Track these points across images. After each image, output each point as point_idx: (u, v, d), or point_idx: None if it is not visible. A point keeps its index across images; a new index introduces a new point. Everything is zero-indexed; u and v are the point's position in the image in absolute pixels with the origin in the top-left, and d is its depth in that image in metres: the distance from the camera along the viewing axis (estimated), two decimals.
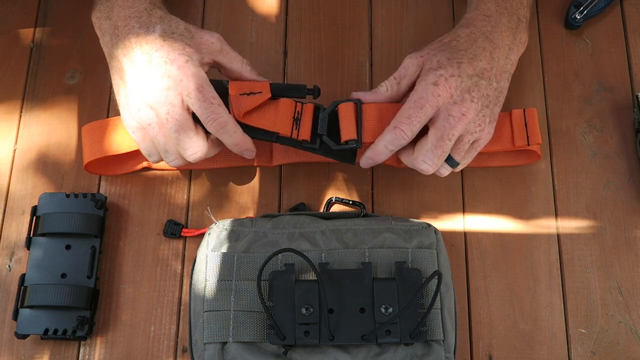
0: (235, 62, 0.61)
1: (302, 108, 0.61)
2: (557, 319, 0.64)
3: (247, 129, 0.59)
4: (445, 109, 0.57)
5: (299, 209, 0.67)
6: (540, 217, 0.68)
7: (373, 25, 0.76)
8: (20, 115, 0.72)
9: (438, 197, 0.69)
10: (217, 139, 0.59)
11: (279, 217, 0.63)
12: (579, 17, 0.73)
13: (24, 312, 0.61)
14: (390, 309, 0.57)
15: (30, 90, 0.73)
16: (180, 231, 0.66)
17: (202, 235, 0.64)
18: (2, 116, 0.72)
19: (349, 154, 0.62)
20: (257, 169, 0.70)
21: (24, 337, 0.61)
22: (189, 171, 0.69)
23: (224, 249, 0.61)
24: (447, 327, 0.59)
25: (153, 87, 0.56)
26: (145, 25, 0.58)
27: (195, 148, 0.58)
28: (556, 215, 0.68)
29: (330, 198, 0.68)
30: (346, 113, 0.60)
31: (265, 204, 0.68)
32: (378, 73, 0.74)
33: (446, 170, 0.62)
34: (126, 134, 0.62)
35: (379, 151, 0.59)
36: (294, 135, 0.60)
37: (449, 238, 0.66)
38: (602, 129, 0.71)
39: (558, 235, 0.67)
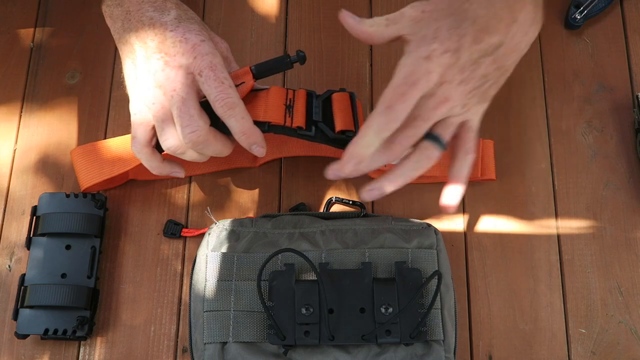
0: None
1: (294, 95, 0.58)
2: (557, 319, 0.64)
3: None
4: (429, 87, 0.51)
5: (299, 209, 0.67)
6: (540, 217, 0.68)
7: None
8: (20, 116, 0.72)
9: (438, 197, 0.68)
10: (221, 133, 0.56)
11: (279, 217, 0.63)
12: (579, 17, 0.73)
13: (24, 312, 0.61)
14: (390, 309, 0.57)
15: (30, 90, 0.73)
16: (180, 231, 0.66)
17: (202, 235, 0.64)
18: (2, 116, 0.72)
19: (345, 143, 0.56)
20: (258, 169, 0.69)
21: (24, 337, 0.61)
22: None
23: (224, 249, 0.61)
24: (447, 327, 0.59)
25: (165, 65, 0.54)
26: (160, 9, 0.57)
27: (194, 127, 0.53)
28: (556, 215, 0.68)
29: (330, 198, 0.68)
30: (341, 103, 0.58)
31: (265, 204, 0.68)
32: (378, 73, 0.74)
33: (436, 152, 0.54)
34: (120, 155, 0.63)
35: (366, 143, 0.51)
36: (288, 123, 0.57)
37: (449, 238, 0.66)
38: (602, 129, 0.71)
39: (558, 235, 0.67)
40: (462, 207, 0.68)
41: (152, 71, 0.55)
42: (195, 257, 0.62)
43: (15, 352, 0.63)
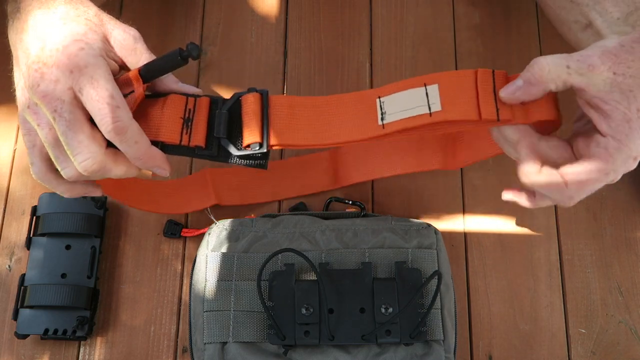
0: None
1: (194, 104, 0.49)
2: (557, 319, 0.64)
3: None
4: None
5: (299, 209, 0.67)
6: (540, 217, 0.68)
7: (373, 25, 0.76)
8: None
9: (438, 197, 0.69)
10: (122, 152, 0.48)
11: (279, 217, 0.63)
12: None
13: (24, 312, 0.61)
14: (390, 309, 0.57)
15: None
16: (180, 231, 0.66)
17: (202, 235, 0.64)
18: (2, 116, 0.72)
19: (258, 158, 0.50)
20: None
21: (24, 337, 0.61)
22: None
23: (224, 249, 0.61)
24: (447, 327, 0.59)
25: (42, 79, 0.46)
26: (46, 5, 0.48)
27: (86, 154, 0.46)
28: (556, 215, 0.68)
29: (330, 198, 0.68)
30: (249, 110, 0.49)
31: (265, 204, 0.68)
32: (378, 73, 0.74)
33: None
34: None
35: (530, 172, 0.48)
36: (184, 142, 0.48)
37: (449, 238, 0.66)
38: None
39: (558, 235, 0.67)
40: (462, 207, 0.68)
41: (32, 85, 0.46)
42: (195, 257, 0.62)
43: (15, 352, 0.63)
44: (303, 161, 0.68)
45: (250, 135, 0.49)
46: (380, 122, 0.49)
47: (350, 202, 0.67)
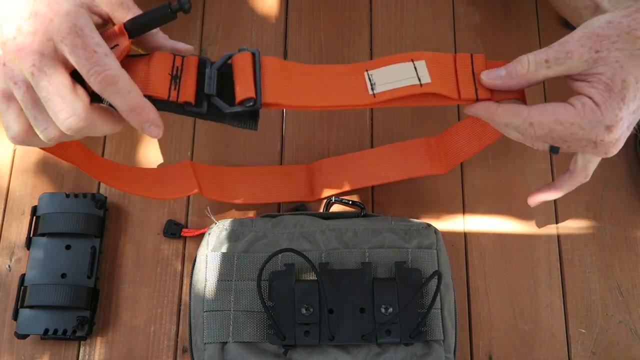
0: None
1: (182, 63, 0.48)
2: (557, 319, 0.64)
3: None
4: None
5: (299, 209, 0.67)
6: (540, 217, 0.68)
7: (373, 25, 0.76)
8: None
9: (438, 197, 0.69)
10: (107, 107, 0.45)
11: (279, 217, 0.63)
12: None
13: (24, 312, 0.61)
14: (390, 309, 0.57)
15: None
16: (180, 231, 0.66)
17: (202, 235, 0.64)
18: None
19: (248, 118, 0.49)
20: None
21: (24, 337, 0.61)
22: None
23: (224, 249, 0.61)
24: (447, 327, 0.59)
25: (18, 32, 0.43)
26: None
27: (70, 111, 0.42)
28: (556, 215, 0.68)
29: (330, 198, 0.68)
30: (241, 65, 0.49)
31: (266, 204, 0.68)
32: None
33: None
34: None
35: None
36: (172, 97, 0.47)
37: (449, 238, 0.67)
38: None
39: (558, 235, 0.67)
40: (462, 207, 0.68)
41: (6, 39, 0.43)
42: (195, 257, 0.62)
43: (15, 352, 0.63)
44: (282, 170, 0.68)
45: (244, 91, 0.48)
46: (370, 92, 0.51)
47: (351, 202, 0.67)
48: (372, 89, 0.52)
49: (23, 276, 0.63)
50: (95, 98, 0.45)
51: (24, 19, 0.43)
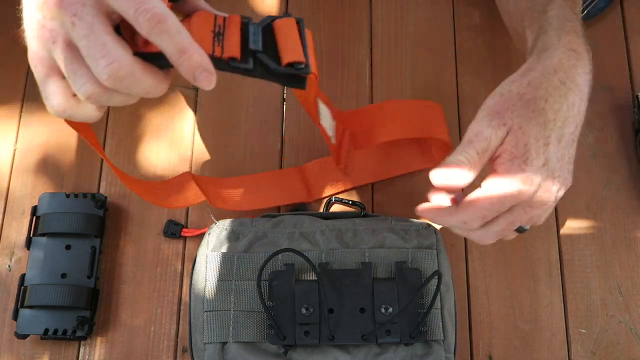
0: None
1: (224, 21, 0.46)
2: (557, 319, 0.64)
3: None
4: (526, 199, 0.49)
5: (299, 209, 0.67)
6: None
7: (373, 25, 0.76)
8: (20, 115, 0.72)
9: None
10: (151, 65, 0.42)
11: (279, 217, 0.63)
12: None
13: (24, 312, 0.61)
14: (390, 309, 0.57)
15: (30, 90, 0.73)
16: (180, 231, 0.66)
17: (202, 235, 0.64)
18: (2, 116, 0.72)
19: (296, 77, 0.47)
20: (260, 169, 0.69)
21: (24, 337, 0.61)
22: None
23: (224, 249, 0.61)
24: (447, 327, 0.59)
25: None
26: None
27: (112, 57, 0.40)
28: (556, 215, 0.68)
29: (330, 198, 0.68)
30: (288, 30, 0.47)
31: (268, 208, 0.68)
32: (378, 73, 0.74)
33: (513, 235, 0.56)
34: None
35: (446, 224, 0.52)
36: (217, 53, 0.44)
37: (449, 238, 0.66)
38: (602, 128, 0.71)
39: (558, 236, 0.67)
40: None
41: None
42: (195, 257, 0.62)
43: (15, 352, 0.63)
44: (277, 174, 0.69)
45: (293, 54, 0.46)
46: None
47: (351, 202, 0.67)
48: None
49: (23, 276, 0.63)
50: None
51: None
